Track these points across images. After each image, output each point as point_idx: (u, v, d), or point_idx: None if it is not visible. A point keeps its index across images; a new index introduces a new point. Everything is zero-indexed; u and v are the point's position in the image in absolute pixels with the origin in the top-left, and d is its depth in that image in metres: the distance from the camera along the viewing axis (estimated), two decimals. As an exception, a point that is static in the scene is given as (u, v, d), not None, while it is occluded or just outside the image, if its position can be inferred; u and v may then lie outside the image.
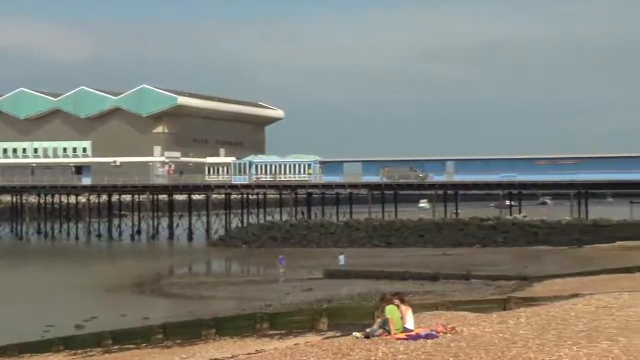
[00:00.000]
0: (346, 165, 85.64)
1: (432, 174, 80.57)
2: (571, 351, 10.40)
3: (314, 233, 76.10)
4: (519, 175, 77.43)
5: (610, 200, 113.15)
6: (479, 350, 12.02)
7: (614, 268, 41.32)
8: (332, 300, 38.11)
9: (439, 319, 17.19)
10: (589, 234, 68.81)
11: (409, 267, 51.76)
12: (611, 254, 57.77)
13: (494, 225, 73.77)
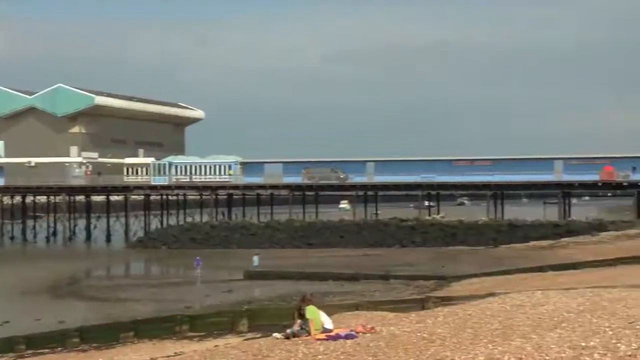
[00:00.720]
0: (267, 166, 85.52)
1: (352, 175, 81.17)
2: (486, 349, 10.60)
3: (235, 234, 75.72)
4: (437, 176, 78.68)
5: (525, 201, 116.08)
6: (397, 350, 12.15)
7: (527, 267, 42.39)
8: (253, 302, 37.96)
9: (359, 319, 17.31)
10: (504, 234, 70.39)
11: (330, 268, 52.01)
12: (525, 253, 59.23)
13: (413, 225, 74.71)
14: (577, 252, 55.50)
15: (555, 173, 76.54)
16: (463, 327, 13.52)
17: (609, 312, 12.76)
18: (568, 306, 14.52)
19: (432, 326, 14.16)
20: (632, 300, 14.40)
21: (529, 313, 14.30)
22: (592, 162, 76.38)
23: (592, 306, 14.14)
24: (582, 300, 15.15)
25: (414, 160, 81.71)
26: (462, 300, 22.02)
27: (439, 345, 12.05)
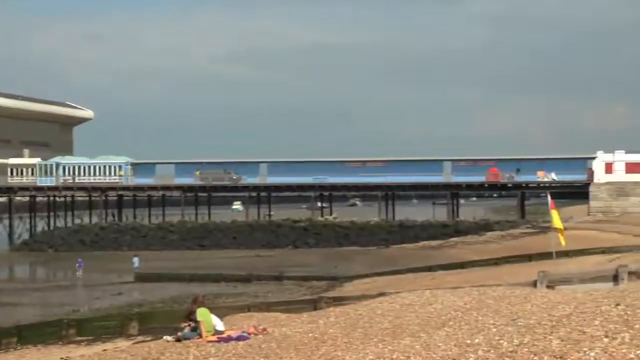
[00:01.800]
0: (159, 167, 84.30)
1: (245, 176, 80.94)
2: (377, 348, 10.74)
3: (126, 236, 74.34)
4: (330, 177, 79.37)
5: (415, 202, 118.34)
6: (289, 350, 12.17)
7: (417, 267, 43.21)
8: (144, 304, 37.35)
9: (251, 320, 17.24)
10: (395, 235, 71.69)
11: (222, 269, 51.69)
12: (416, 253, 60.39)
13: (306, 226, 75.13)
14: (464, 251, 56.97)
15: (444, 174, 78.44)
16: (354, 327, 13.65)
17: (494, 310, 13.12)
18: (455, 305, 14.85)
19: (324, 326, 14.24)
20: (515, 298, 14.85)
21: (418, 312, 14.55)
22: (478, 164, 78.68)
23: (478, 304, 14.49)
24: (469, 299, 15.52)
25: (307, 162, 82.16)
26: (353, 300, 22.22)
27: (330, 345, 12.14)
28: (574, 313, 10.38)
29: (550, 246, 35.45)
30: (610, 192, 72.13)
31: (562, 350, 7.84)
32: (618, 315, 9.60)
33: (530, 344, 8.41)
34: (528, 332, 9.12)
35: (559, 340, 8.32)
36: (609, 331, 8.45)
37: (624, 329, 8.48)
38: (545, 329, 9.14)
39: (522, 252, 45.14)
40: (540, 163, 77.99)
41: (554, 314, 10.66)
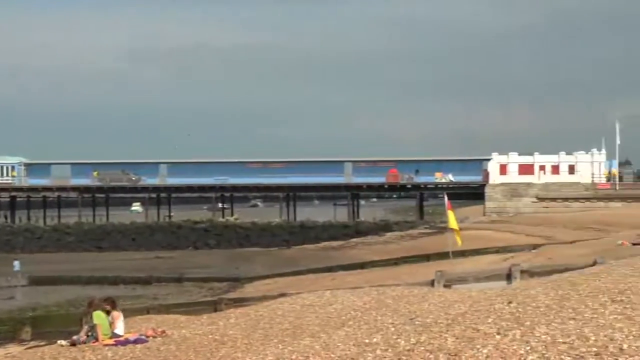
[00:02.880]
0: (54, 168, 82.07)
1: (145, 177, 79.74)
2: (277, 349, 10.74)
3: (19, 238, 72.14)
4: (231, 178, 79.04)
5: (316, 203, 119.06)
6: (188, 353, 12.07)
7: (318, 268, 43.51)
8: (38, 308, 36.30)
9: (150, 322, 17.00)
10: (296, 235, 71.98)
11: (121, 271, 50.77)
12: (316, 254, 60.78)
13: (206, 227, 74.63)
14: (365, 252, 57.66)
15: (345, 175, 79.23)
16: (254, 328, 13.63)
17: (392, 309, 13.31)
18: (355, 305, 14.99)
19: (224, 328, 14.17)
20: (413, 297, 15.11)
21: (319, 312, 14.64)
22: (378, 165, 79.86)
23: (377, 304, 14.67)
24: (368, 299, 15.70)
25: (208, 163, 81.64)
26: (254, 301, 22.18)
27: (230, 347, 12.09)
28: (468, 311, 10.62)
29: (448, 246, 36.28)
30: (504, 193, 74.36)
31: (457, 347, 8.02)
32: (510, 312, 9.89)
33: (426, 342, 8.57)
34: (425, 331, 9.29)
35: (454, 338, 8.50)
36: (501, 328, 8.69)
37: (515, 326, 8.74)
38: (441, 328, 9.33)
39: (420, 252, 46.02)
40: (438, 164, 79.71)
41: (450, 312, 10.89)
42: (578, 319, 8.85)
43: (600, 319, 8.73)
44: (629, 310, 9.19)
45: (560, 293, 11.43)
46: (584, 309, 9.56)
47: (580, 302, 10.15)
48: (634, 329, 8.04)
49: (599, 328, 8.21)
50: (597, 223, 54.43)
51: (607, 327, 8.25)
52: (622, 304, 9.72)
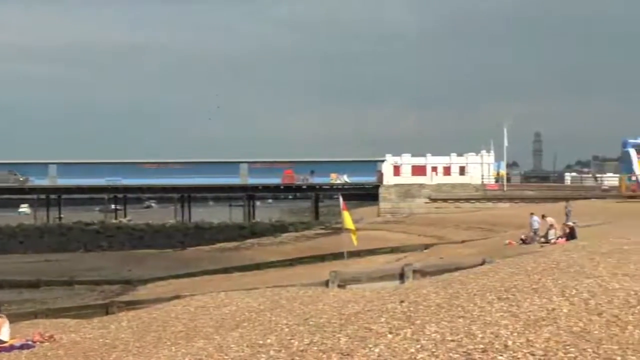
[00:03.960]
0: (-64, 168, 78.69)
1: (33, 177, 77.33)
2: (170, 352, 10.61)
3: None
4: (124, 179, 77.55)
5: (211, 204, 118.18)
6: (77, 357, 11.79)
7: (213, 269, 43.22)
8: None
9: (37, 327, 16.49)
10: (191, 237, 71.22)
11: (7, 275, 49.04)
12: (212, 255, 60.31)
13: (98, 229, 72.98)
14: (260, 252, 57.61)
15: (241, 176, 78.93)
16: (147, 331, 13.43)
17: (287, 310, 13.35)
18: (250, 306, 14.96)
19: (116, 331, 13.90)
20: (308, 297, 15.20)
21: (213, 314, 14.54)
22: (274, 166, 79.89)
23: (272, 305, 14.68)
24: (263, 300, 15.69)
25: (100, 163, 79.88)
26: (147, 303, 21.82)
27: (122, 351, 11.88)
28: (362, 311, 10.75)
29: (343, 246, 36.63)
30: (398, 194, 75.62)
31: (350, 347, 8.10)
32: (402, 312, 10.06)
33: (319, 342, 8.62)
34: (318, 331, 9.36)
35: (347, 337, 8.59)
36: (393, 327, 8.83)
37: (406, 325, 8.89)
38: (335, 328, 9.41)
39: (315, 253, 46.33)
40: (333, 165, 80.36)
41: (344, 312, 11.00)
42: (467, 317, 9.09)
43: (488, 317, 8.99)
44: (514, 307, 9.50)
45: (450, 292, 11.71)
46: (473, 307, 9.82)
47: (469, 301, 10.43)
48: (518, 326, 8.32)
49: (486, 325, 8.45)
50: (486, 223, 56.00)
51: (493, 324, 8.50)
52: (507, 301, 10.04)
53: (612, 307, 9.25)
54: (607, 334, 7.84)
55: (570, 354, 7.06)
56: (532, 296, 10.32)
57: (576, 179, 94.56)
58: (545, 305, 9.57)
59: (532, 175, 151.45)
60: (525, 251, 24.61)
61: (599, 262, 13.92)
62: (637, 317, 8.64)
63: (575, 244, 21.87)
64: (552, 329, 8.15)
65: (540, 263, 14.78)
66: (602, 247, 16.94)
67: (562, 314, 8.96)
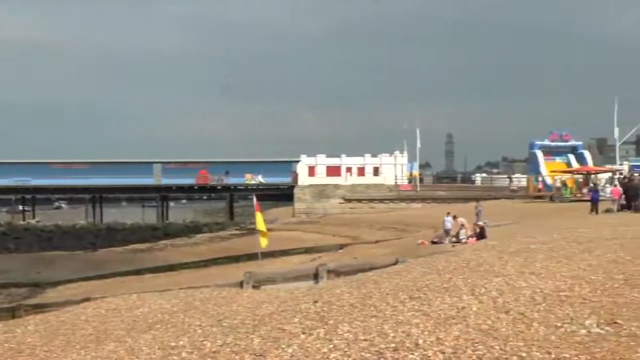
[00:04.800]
0: None
1: None
2: (79, 355, 10.40)
3: None
4: (33, 179, 75.55)
5: (124, 204, 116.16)
6: (-18, 364, 11.43)
7: (126, 270, 42.44)
8: None
9: (-61, 333, 15.91)
10: (103, 238, 69.78)
11: None
12: (125, 256, 59.22)
13: (5, 231, 70.86)
14: (174, 253, 56.90)
15: (154, 177, 77.84)
16: (55, 335, 13.12)
17: (201, 311, 13.25)
18: (163, 307, 14.79)
19: (22, 335, 13.54)
20: (222, 298, 15.12)
21: (125, 316, 14.32)
22: (189, 166, 79.10)
23: (185, 306, 14.55)
24: (177, 301, 15.54)
25: (7, 163, 77.58)
26: (56, 306, 21.30)
27: (28, 355, 11.58)
28: (276, 312, 10.75)
29: (257, 247, 36.49)
30: (313, 194, 75.86)
31: (263, 348, 8.09)
32: (315, 312, 10.11)
33: (232, 343, 8.58)
34: (232, 332, 9.31)
35: (260, 338, 8.58)
36: (306, 328, 8.86)
37: (319, 325, 8.93)
38: (248, 328, 9.39)
39: (230, 254, 46.01)
40: (248, 166, 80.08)
41: (258, 313, 10.98)
42: (379, 316, 9.18)
43: (400, 316, 9.10)
44: (426, 306, 9.65)
45: (363, 291, 11.82)
46: (385, 306, 9.93)
47: (382, 300, 10.54)
48: (429, 324, 8.45)
49: (397, 324, 8.56)
50: (399, 223, 56.69)
51: (405, 323, 8.61)
52: (419, 300, 10.19)
53: (518, 305, 9.49)
54: (514, 331, 8.04)
55: (479, 351, 7.21)
56: (443, 295, 10.51)
57: (486, 179, 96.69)
58: (455, 303, 9.76)
59: (444, 175, 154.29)
60: (438, 251, 25.06)
61: (507, 261, 14.28)
62: (542, 314, 8.89)
63: (485, 243, 22.39)
64: (462, 327, 8.31)
65: (451, 262, 15.07)
66: (510, 247, 17.38)
67: (471, 312, 9.15)
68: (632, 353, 6.89)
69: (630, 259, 13.81)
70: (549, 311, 9.05)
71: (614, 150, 77.14)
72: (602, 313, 8.75)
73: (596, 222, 25.81)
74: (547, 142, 71.64)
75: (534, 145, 70.99)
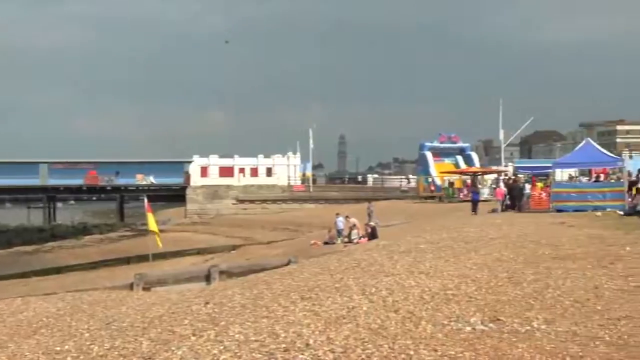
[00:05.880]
0: None
1: None
2: (-44, 364, 9.98)
3: None
4: None
5: (8, 206, 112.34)
6: None
7: (9, 274, 41.03)
8: None
9: None
10: (-16, 240, 67.29)
11: None
12: (9, 259, 57.24)
13: None
14: (62, 255, 55.39)
15: (41, 177, 75.53)
16: None
17: (89, 315, 12.94)
18: (48, 311, 14.37)
19: None
20: (112, 301, 14.81)
21: (7, 321, 13.82)
22: (77, 166, 77.12)
23: (72, 310, 14.18)
24: (63, 305, 15.13)
25: None
26: None
27: None
28: (166, 314, 10.62)
29: (148, 249, 35.94)
30: (205, 195, 75.28)
31: (152, 351, 7.97)
32: (206, 313, 10.03)
33: (121, 347, 8.42)
34: (120, 335, 9.14)
35: (150, 341, 8.45)
36: (197, 329, 8.78)
37: (210, 327, 8.87)
38: (137, 331, 9.23)
39: (120, 255, 45.16)
40: (139, 166, 78.71)
41: (148, 315, 10.81)
42: (270, 317, 9.19)
43: (291, 316, 9.14)
44: (317, 306, 9.72)
45: (255, 292, 11.81)
46: (277, 307, 9.95)
47: (274, 301, 10.56)
48: (320, 324, 8.52)
49: (289, 325, 8.58)
50: (292, 224, 56.96)
51: (296, 323, 8.65)
52: (310, 300, 10.26)
53: (408, 304, 9.68)
54: (402, 329, 8.19)
55: (368, 350, 7.31)
56: (334, 295, 10.61)
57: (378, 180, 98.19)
58: (346, 303, 9.87)
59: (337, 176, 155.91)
60: (330, 251, 25.28)
61: (397, 260, 14.55)
62: (430, 312, 9.10)
63: (376, 243, 22.73)
64: (352, 326, 8.41)
65: (343, 263, 15.24)
66: (400, 247, 17.71)
67: (361, 311, 9.27)
68: (514, 348, 7.13)
69: (514, 258, 14.30)
70: (436, 309, 9.26)
71: (500, 151, 79.74)
72: (487, 310, 9.02)
73: (482, 222, 26.60)
74: (437, 143, 73.35)
75: (423, 146, 72.56)
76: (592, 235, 18.95)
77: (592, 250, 15.23)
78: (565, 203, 32.08)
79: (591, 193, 32.15)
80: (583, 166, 38.42)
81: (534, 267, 12.85)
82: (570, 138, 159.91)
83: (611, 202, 30.85)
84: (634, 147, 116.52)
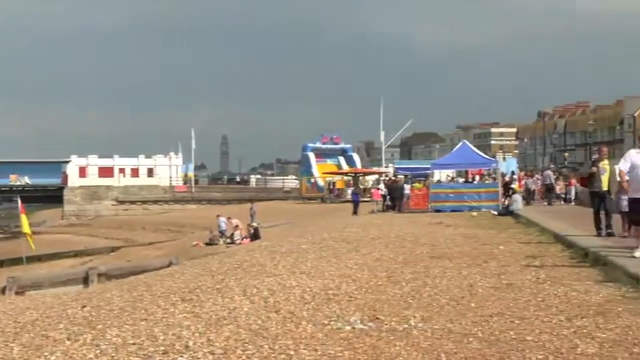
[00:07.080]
0: None
1: None
2: None
3: None
4: None
5: None
6: None
7: None
8: None
9: None
10: None
11: None
12: None
13: None
14: None
15: None
16: None
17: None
18: None
19: None
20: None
21: None
22: None
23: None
24: None
25: None
26: None
27: None
28: (40, 318, 10.29)
29: (22, 251, 34.76)
30: (84, 196, 73.43)
31: (23, 356, 7.70)
32: (83, 317, 9.78)
33: (-10, 353, 8.10)
34: (-10, 342, 8.78)
35: (21, 347, 8.16)
36: (72, 333, 8.54)
37: (87, 330, 8.65)
38: (8, 337, 8.89)
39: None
40: (14, 166, 76.03)
41: (20, 320, 10.44)
42: (149, 320, 9.04)
43: (171, 319, 9.02)
44: (197, 308, 9.64)
45: (134, 295, 11.60)
46: (156, 309, 9.80)
47: (153, 303, 10.40)
48: (200, 326, 8.44)
49: (168, 327, 8.47)
50: (174, 225, 56.28)
51: (176, 325, 8.54)
52: (191, 302, 10.16)
53: (289, 304, 9.72)
54: (283, 329, 8.21)
55: (248, 351, 7.29)
56: (216, 296, 10.54)
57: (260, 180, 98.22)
58: (227, 304, 9.82)
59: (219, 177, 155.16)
60: (212, 252, 25.12)
61: (279, 261, 14.59)
62: (310, 312, 9.16)
63: (259, 244, 22.74)
64: (233, 327, 8.37)
65: (225, 263, 15.16)
66: (282, 247, 17.78)
67: (242, 312, 9.24)
68: (391, 347, 7.26)
69: (393, 257, 14.59)
70: (317, 309, 9.33)
71: (381, 152, 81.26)
72: (366, 310, 9.16)
73: (363, 222, 27.02)
74: (319, 144, 74.09)
75: (306, 147, 73.13)
76: (468, 235, 19.55)
77: (467, 250, 15.71)
78: (443, 203, 33.01)
79: (467, 194, 33.21)
80: (460, 167, 39.65)
81: (413, 266, 13.15)
82: (448, 140, 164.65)
83: (486, 202, 31.95)
84: (507, 149, 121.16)
